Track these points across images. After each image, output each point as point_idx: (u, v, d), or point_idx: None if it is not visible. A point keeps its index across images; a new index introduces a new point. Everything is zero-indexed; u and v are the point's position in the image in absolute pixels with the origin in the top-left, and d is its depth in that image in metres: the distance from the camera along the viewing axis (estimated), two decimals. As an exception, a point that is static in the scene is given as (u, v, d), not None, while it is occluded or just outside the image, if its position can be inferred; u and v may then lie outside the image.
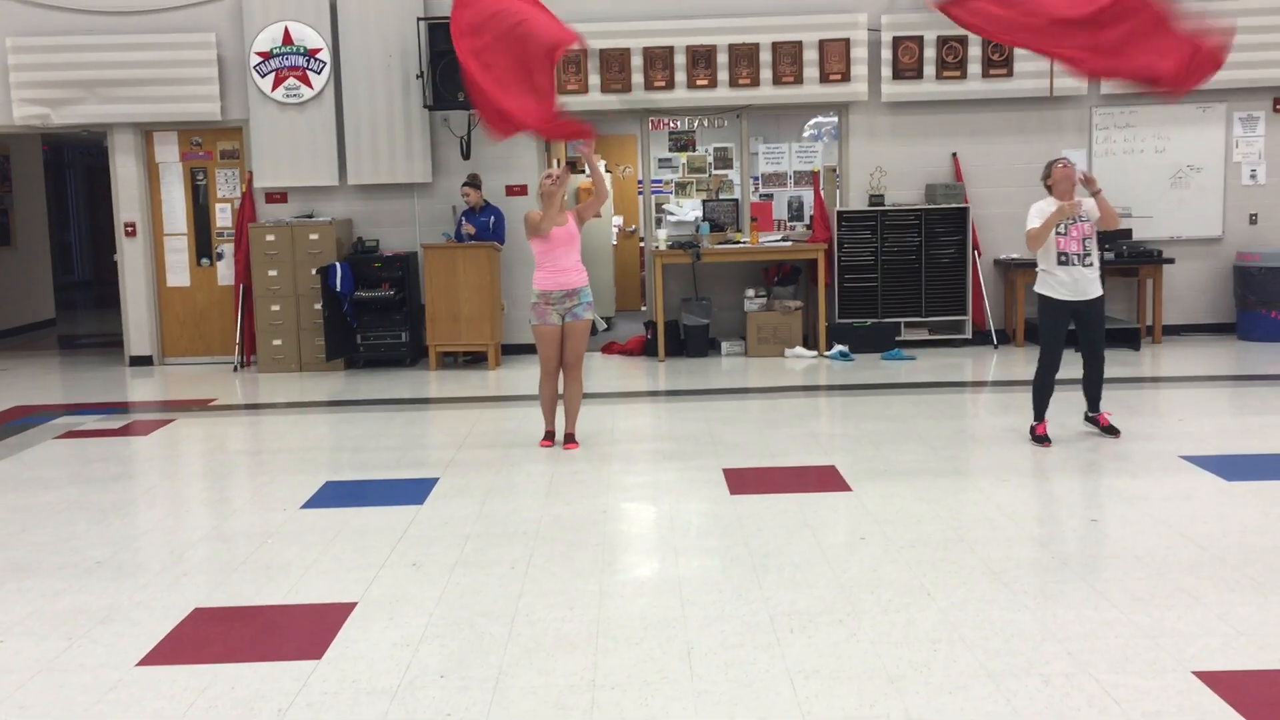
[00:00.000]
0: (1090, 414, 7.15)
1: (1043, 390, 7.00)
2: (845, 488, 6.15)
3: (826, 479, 6.35)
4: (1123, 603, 4.37)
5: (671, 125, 14.62)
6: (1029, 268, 7.08)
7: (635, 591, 4.67)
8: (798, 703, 3.60)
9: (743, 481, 6.32)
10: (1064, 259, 6.77)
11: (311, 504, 6.14)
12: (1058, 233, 6.76)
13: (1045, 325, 7.00)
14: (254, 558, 5.25)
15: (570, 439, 7.27)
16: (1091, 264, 6.79)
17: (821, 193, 11.42)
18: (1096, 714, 3.48)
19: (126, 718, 3.65)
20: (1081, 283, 6.78)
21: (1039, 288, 6.94)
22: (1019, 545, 5.12)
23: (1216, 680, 3.67)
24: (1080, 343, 6.98)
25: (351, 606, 4.56)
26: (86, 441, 7.96)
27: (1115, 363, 9.68)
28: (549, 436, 7.32)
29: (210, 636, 4.34)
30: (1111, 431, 7.04)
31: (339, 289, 10.43)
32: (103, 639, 4.31)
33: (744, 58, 10.83)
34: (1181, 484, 6.06)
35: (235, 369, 11.00)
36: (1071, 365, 7.16)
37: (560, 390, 7.31)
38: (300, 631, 4.34)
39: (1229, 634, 4.06)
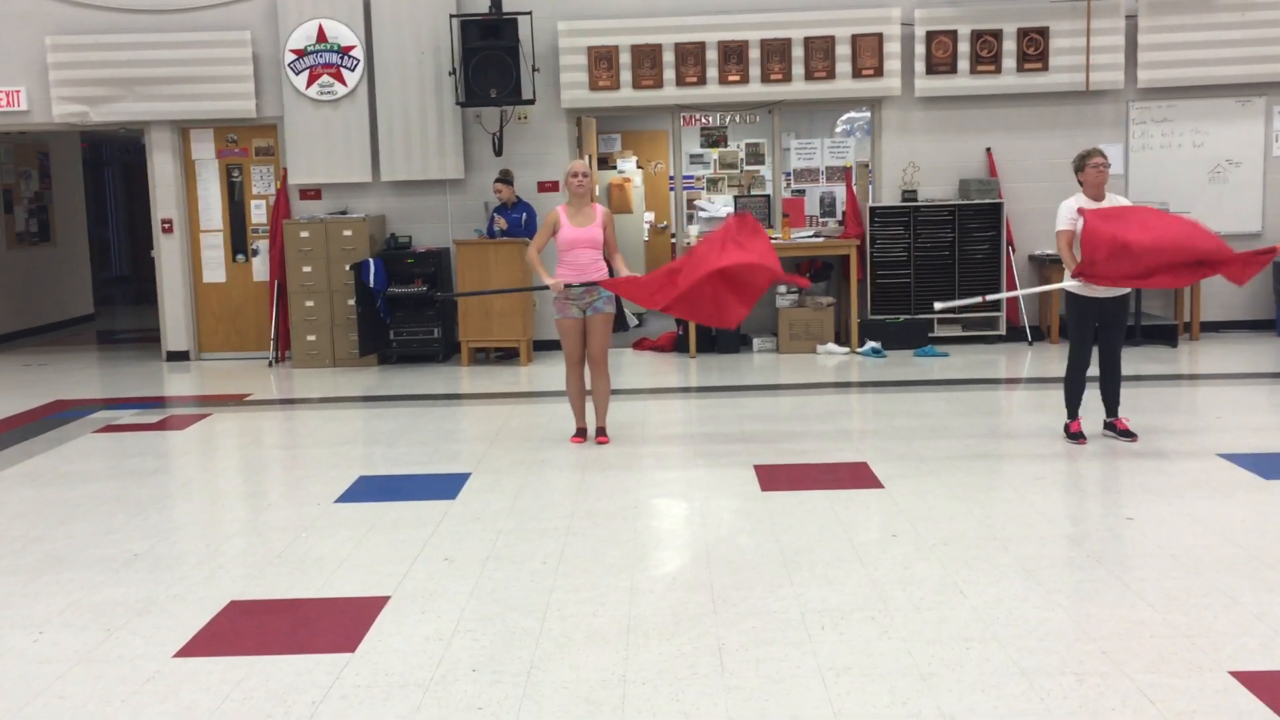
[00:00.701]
0: (1109, 419, 7.02)
1: (1075, 387, 6.94)
2: (877, 485, 6.13)
3: (858, 476, 6.32)
4: (1158, 602, 4.33)
5: (703, 121, 14.61)
6: (1061, 264, 7.01)
7: (666, 587, 4.67)
8: (829, 700, 3.59)
9: (774, 478, 6.31)
10: None
11: (345, 498, 6.19)
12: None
13: (1073, 323, 6.95)
14: (289, 551, 5.30)
15: (601, 433, 7.29)
16: None
17: (854, 188, 11.36)
18: (1131, 713, 3.45)
19: (163, 708, 3.69)
20: None
21: (1067, 284, 6.89)
22: (1053, 543, 5.09)
23: (1253, 680, 3.63)
24: (1098, 341, 6.90)
25: (384, 600, 4.59)
26: (124, 436, 8.06)
27: (1153, 360, 9.63)
28: (580, 433, 7.34)
29: (246, 629, 4.38)
30: (1129, 435, 6.93)
31: (372, 285, 10.49)
32: (140, 630, 4.36)
33: (776, 53, 10.80)
34: (1219, 482, 5.99)
35: (270, 364, 11.09)
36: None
37: (588, 385, 7.34)
38: (334, 625, 4.38)
39: (1266, 634, 4.01)
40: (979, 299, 7.63)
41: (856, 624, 4.19)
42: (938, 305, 7.64)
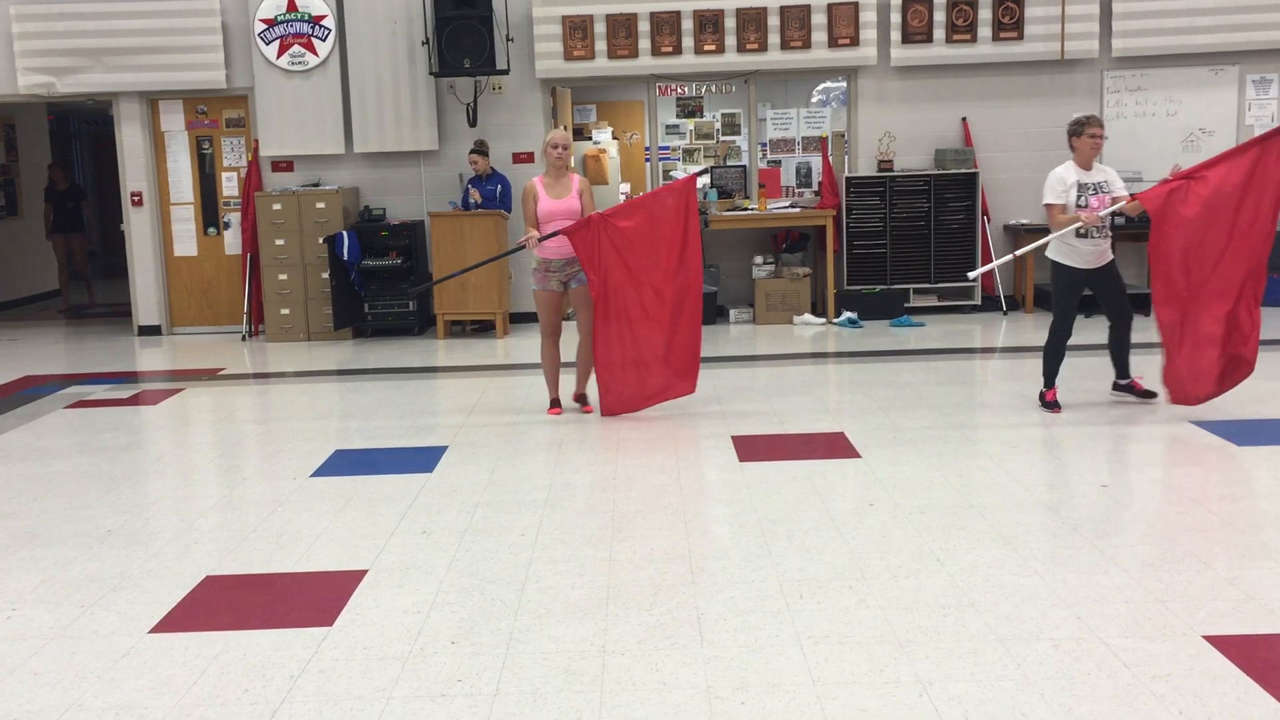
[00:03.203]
0: (1121, 381, 7.04)
1: (1054, 356, 6.96)
2: (854, 454, 6.14)
3: (835, 446, 6.34)
4: (1132, 568, 4.37)
5: (679, 91, 14.55)
6: (1039, 233, 7.01)
7: (645, 558, 4.67)
8: (808, 667, 3.61)
9: (752, 448, 6.32)
10: (1083, 231, 6.69)
11: (321, 472, 6.16)
12: (1078, 205, 6.69)
13: (1060, 293, 6.92)
14: (264, 526, 5.26)
15: (584, 400, 7.35)
16: (1108, 234, 6.75)
17: (830, 158, 11.34)
18: (1106, 678, 3.48)
19: (140, 684, 3.67)
20: (1098, 251, 6.74)
21: (1054, 255, 6.85)
22: (1028, 511, 5.12)
23: (1226, 644, 3.67)
24: (1104, 307, 6.95)
25: (362, 574, 4.57)
26: (96, 411, 7.98)
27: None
28: (556, 404, 7.32)
29: (222, 604, 4.36)
30: (1148, 395, 6.96)
31: (346, 258, 10.41)
32: (115, 606, 4.33)
33: (752, 22, 10.74)
34: (1192, 449, 6.04)
35: (243, 338, 11.01)
36: (1090, 330, 7.12)
37: (573, 355, 7.35)
38: (311, 598, 4.36)
39: (1239, 598, 4.05)
40: (1010, 256, 7.69)
41: (834, 592, 4.21)
42: (970, 275, 7.99)
